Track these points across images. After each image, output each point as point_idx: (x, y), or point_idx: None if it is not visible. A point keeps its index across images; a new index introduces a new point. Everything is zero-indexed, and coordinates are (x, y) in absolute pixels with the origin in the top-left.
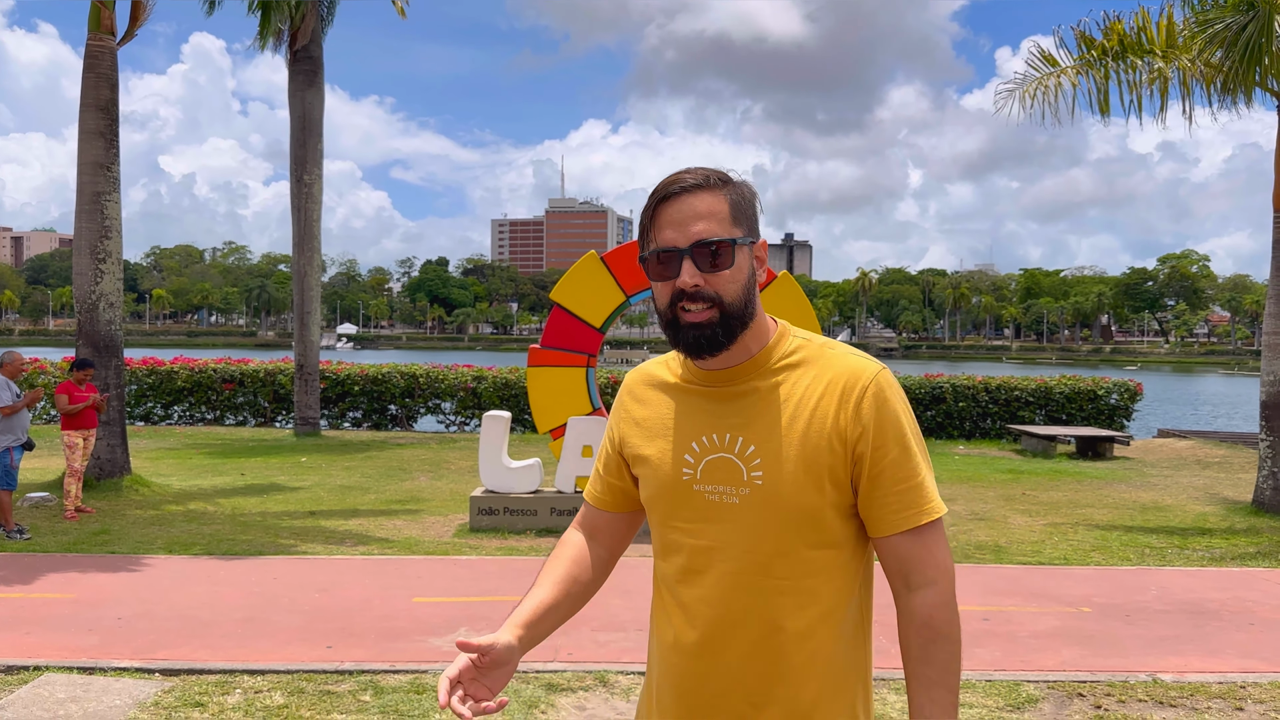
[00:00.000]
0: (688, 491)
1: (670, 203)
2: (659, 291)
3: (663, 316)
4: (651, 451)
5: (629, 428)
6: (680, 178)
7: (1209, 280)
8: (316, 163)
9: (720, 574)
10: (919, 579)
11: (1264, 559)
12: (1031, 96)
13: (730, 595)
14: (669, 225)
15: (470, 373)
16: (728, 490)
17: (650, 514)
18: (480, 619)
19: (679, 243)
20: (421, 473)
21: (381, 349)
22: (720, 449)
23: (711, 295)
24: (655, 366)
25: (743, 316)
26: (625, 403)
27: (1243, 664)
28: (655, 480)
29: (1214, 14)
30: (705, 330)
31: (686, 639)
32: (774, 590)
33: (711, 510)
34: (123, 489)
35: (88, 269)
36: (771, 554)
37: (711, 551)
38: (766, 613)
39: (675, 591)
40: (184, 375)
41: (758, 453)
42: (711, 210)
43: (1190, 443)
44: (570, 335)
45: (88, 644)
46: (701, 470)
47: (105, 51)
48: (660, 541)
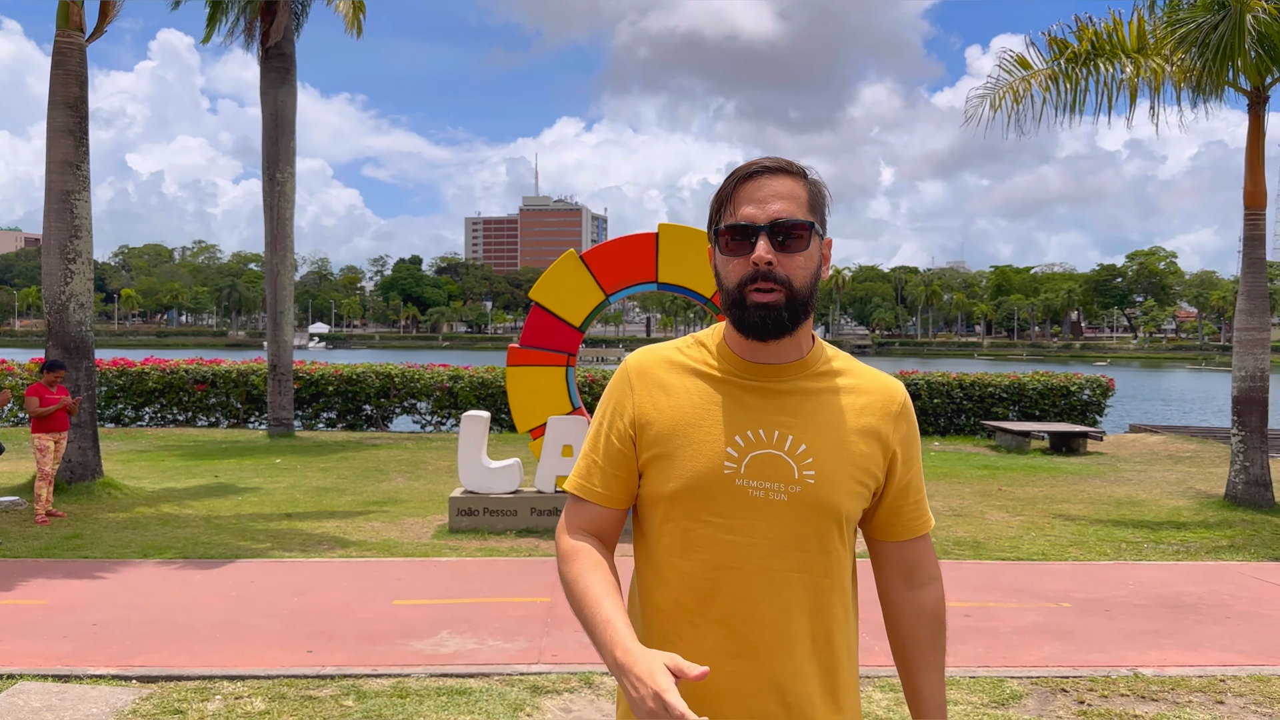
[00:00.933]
0: (728, 486)
1: (752, 181)
2: (729, 269)
3: (728, 295)
4: (683, 441)
5: (650, 413)
6: (762, 160)
7: (1176, 277)
8: (289, 161)
9: (760, 570)
10: (922, 576)
11: (1238, 552)
12: (1002, 100)
13: (770, 591)
14: (748, 202)
15: (446, 372)
16: (775, 487)
17: (668, 507)
18: (462, 620)
19: (758, 219)
20: (398, 473)
21: (355, 348)
22: (769, 445)
23: (783, 279)
24: (673, 353)
25: (807, 305)
26: (640, 387)
27: (1221, 657)
28: (687, 472)
29: (1186, 14)
30: (772, 311)
31: (711, 637)
32: (814, 586)
33: (755, 506)
34: (95, 492)
35: (57, 269)
36: (815, 550)
37: (750, 548)
38: (811, 606)
39: (698, 590)
40: (155, 376)
41: (809, 452)
42: (792, 193)
43: (1162, 438)
44: (550, 334)
45: (62, 651)
46: (746, 465)
47: (74, 48)
48: (684, 537)
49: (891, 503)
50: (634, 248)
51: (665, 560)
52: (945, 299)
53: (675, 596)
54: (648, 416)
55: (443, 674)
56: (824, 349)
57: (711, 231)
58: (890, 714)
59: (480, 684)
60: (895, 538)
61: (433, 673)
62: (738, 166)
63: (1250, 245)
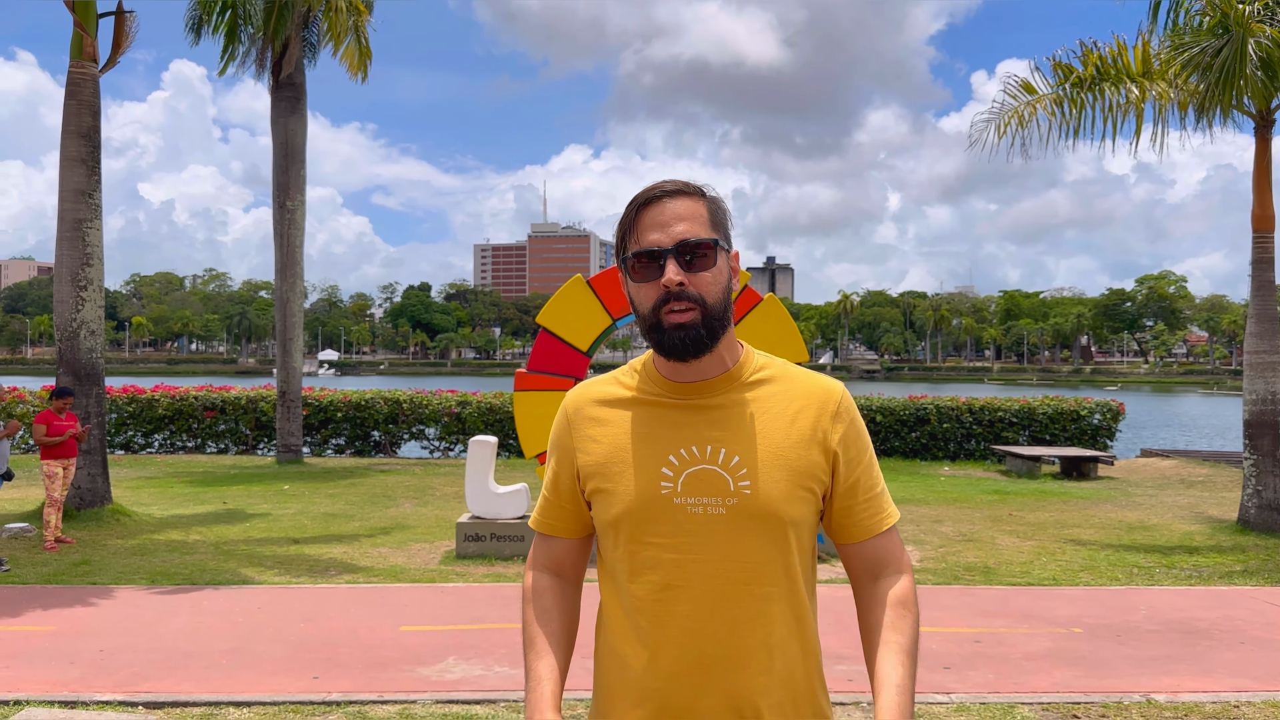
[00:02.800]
0: (666, 506)
1: (652, 206)
2: (642, 294)
3: (645, 320)
4: (619, 469)
5: (587, 446)
6: (661, 185)
7: (1186, 301)
8: (299, 189)
9: (706, 588)
10: (889, 570)
11: (1251, 577)
12: (1007, 125)
13: (720, 606)
14: (652, 228)
15: (455, 398)
16: (712, 502)
17: (615, 534)
18: (469, 647)
19: (663, 243)
20: (406, 499)
21: (363, 375)
22: (702, 460)
23: (695, 296)
24: (603, 385)
25: (723, 319)
26: (576, 423)
27: (1235, 683)
28: (627, 496)
29: (1190, 39)
30: (690, 331)
31: (666, 658)
32: (763, 597)
33: (694, 523)
34: (103, 519)
35: (69, 296)
36: (759, 562)
37: (695, 565)
38: (759, 620)
39: (649, 611)
40: (165, 403)
41: (744, 463)
42: (693, 213)
43: (1174, 462)
44: (557, 359)
45: (69, 677)
46: (682, 483)
47: (87, 79)
48: (630, 561)
49: (841, 503)
50: None
51: (620, 585)
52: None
53: (631, 620)
54: (585, 450)
55: (449, 700)
56: (753, 358)
57: (620, 260)
58: None
59: (486, 710)
60: (854, 538)
61: (439, 699)
62: (638, 193)
63: (1259, 268)
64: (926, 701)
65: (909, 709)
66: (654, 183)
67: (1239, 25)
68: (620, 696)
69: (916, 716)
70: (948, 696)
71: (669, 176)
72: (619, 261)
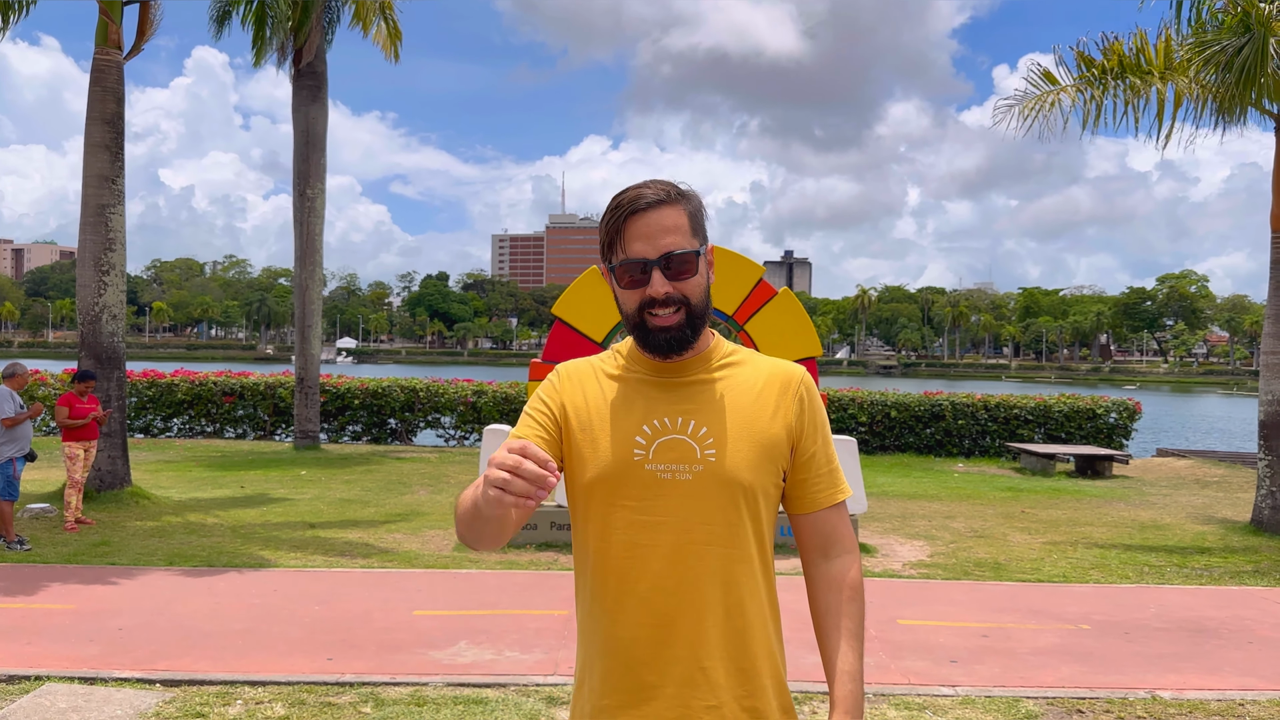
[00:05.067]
0: (639, 470)
1: (639, 217)
2: (627, 298)
3: (629, 319)
4: (599, 435)
5: (575, 404)
6: (643, 193)
7: (1208, 300)
8: (319, 177)
9: (672, 546)
10: (838, 549)
11: (1262, 578)
12: (1032, 113)
13: (682, 565)
14: (638, 238)
15: (470, 387)
16: (680, 468)
17: (589, 497)
18: (480, 632)
19: (649, 254)
20: (421, 486)
21: (381, 363)
22: (673, 430)
23: (680, 298)
24: (593, 361)
25: (704, 316)
26: (567, 384)
27: (1241, 681)
28: (600, 462)
29: (1211, 36)
30: (675, 332)
31: (632, 612)
32: (724, 558)
33: (663, 487)
34: (123, 501)
35: (91, 281)
36: (721, 524)
37: (661, 526)
38: (723, 577)
39: (617, 569)
40: (184, 388)
41: (710, 433)
42: (677, 224)
43: (1189, 462)
44: (572, 349)
45: (88, 654)
46: (654, 451)
47: (112, 65)
48: (602, 523)
49: (797, 475)
50: None
51: (592, 546)
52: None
53: (602, 579)
54: (572, 405)
55: (460, 683)
56: (722, 344)
57: (606, 263)
58: None
59: (497, 694)
60: (807, 508)
61: (450, 682)
62: (620, 196)
63: (1276, 269)
64: (932, 694)
65: (861, 694)
66: (637, 186)
67: (1260, 24)
68: (595, 653)
69: (921, 708)
70: (953, 689)
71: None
72: (605, 265)
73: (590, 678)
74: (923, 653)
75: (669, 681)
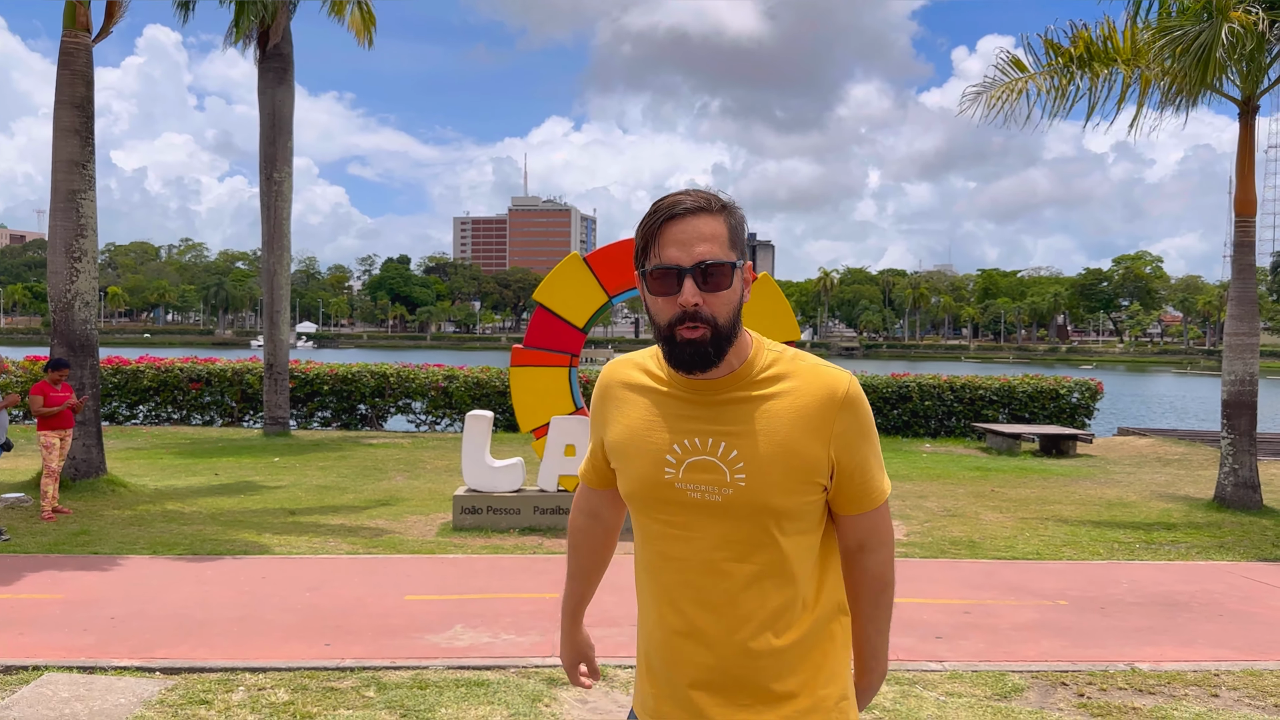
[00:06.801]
0: (669, 488)
1: (675, 223)
2: (659, 306)
3: (659, 330)
4: (632, 450)
5: (612, 424)
6: (682, 199)
7: (1162, 281)
8: (286, 160)
9: (700, 561)
10: (873, 543)
11: (1227, 552)
12: (997, 99)
13: (711, 579)
14: (673, 244)
15: (441, 372)
16: (709, 489)
17: (631, 505)
18: (475, 616)
19: (683, 261)
20: (397, 472)
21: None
22: (703, 452)
23: (708, 317)
24: (630, 369)
25: (730, 336)
26: (607, 399)
27: (1215, 653)
28: (635, 477)
29: (1175, 21)
30: (699, 347)
31: (666, 617)
32: (754, 575)
33: (693, 506)
34: (99, 489)
35: (63, 267)
36: (751, 545)
37: (692, 541)
38: (754, 593)
39: (654, 573)
40: (150, 374)
41: (741, 458)
42: (714, 233)
43: (1150, 440)
44: (553, 335)
45: (85, 644)
46: (684, 470)
47: (80, 48)
48: (642, 531)
49: (841, 485)
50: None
51: (637, 543)
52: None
53: (644, 577)
54: (609, 427)
55: (460, 666)
56: (760, 357)
57: (639, 270)
58: (897, 706)
59: (497, 676)
60: (844, 511)
61: (450, 665)
62: (659, 202)
63: (1240, 252)
64: (920, 669)
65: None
66: (678, 193)
67: (1219, 11)
68: (642, 637)
69: (911, 683)
70: (941, 664)
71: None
72: (638, 271)
73: (641, 662)
74: (908, 629)
75: (701, 686)
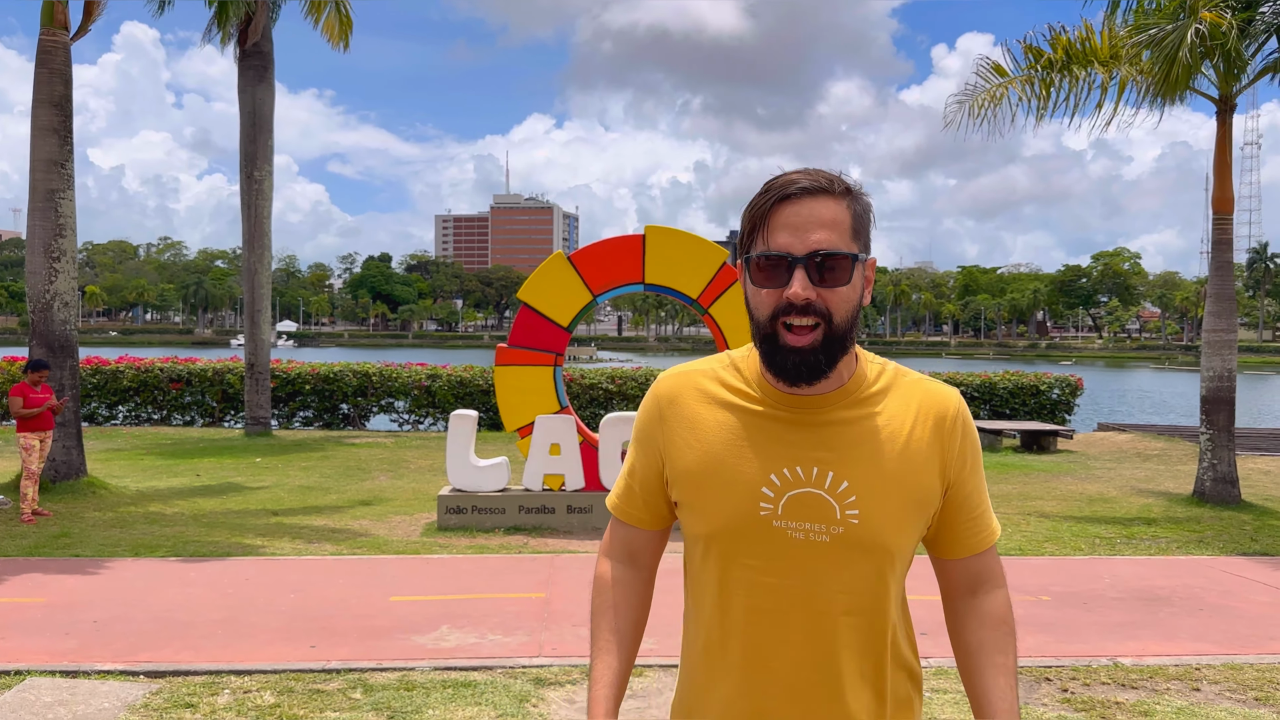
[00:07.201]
0: (765, 528)
1: (789, 204)
2: (761, 299)
3: (759, 327)
4: (716, 480)
5: (680, 449)
6: (798, 178)
7: (1140, 277)
8: (267, 159)
9: (806, 616)
10: (989, 585)
11: (1207, 547)
12: (981, 108)
13: (817, 636)
14: (785, 228)
15: (425, 371)
16: (816, 529)
17: (705, 548)
18: (461, 616)
19: (795, 249)
20: (381, 472)
21: (323, 346)
22: (807, 483)
23: (822, 310)
24: (702, 380)
25: (846, 343)
26: (670, 419)
27: (1196, 647)
28: (722, 514)
29: (1150, 20)
30: (808, 355)
31: (759, 684)
32: (863, 627)
33: (794, 549)
34: (80, 491)
35: (41, 268)
36: (864, 593)
37: (793, 592)
38: (861, 648)
39: (740, 634)
40: (130, 375)
41: (853, 490)
42: (835, 219)
43: (1130, 436)
44: (538, 334)
45: (67, 647)
46: (784, 505)
47: (59, 47)
48: (721, 578)
49: (949, 520)
50: (621, 249)
51: (704, 598)
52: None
53: (721, 639)
54: (676, 452)
55: (447, 667)
56: (867, 370)
57: (742, 256)
58: None
59: (484, 677)
60: (956, 554)
61: (437, 666)
62: (772, 181)
63: (1218, 249)
64: None
65: None
66: (795, 171)
67: (1190, 11)
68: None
69: None
70: (926, 661)
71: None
72: (740, 258)
73: None
74: None
75: None
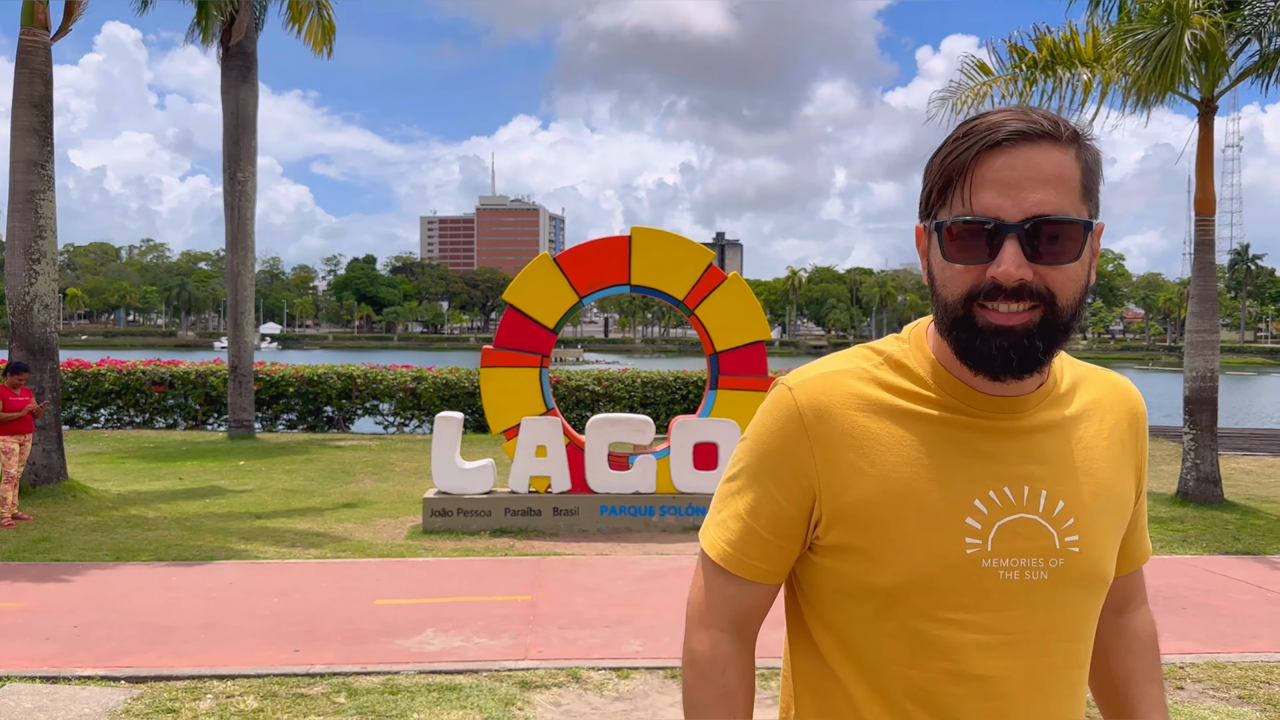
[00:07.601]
0: (974, 570)
1: (998, 153)
2: (953, 276)
3: (947, 309)
4: (899, 517)
5: (845, 475)
6: (1008, 119)
7: (1124, 279)
8: (250, 160)
9: (1026, 676)
10: (1135, 602)
11: (1190, 546)
12: (965, 105)
13: (1033, 700)
14: (993, 185)
15: (409, 373)
16: (1033, 564)
17: (885, 605)
18: (446, 619)
19: (1007, 214)
20: (365, 475)
21: (307, 349)
22: (1020, 508)
23: (1042, 292)
24: (856, 383)
25: (1069, 330)
26: (825, 437)
27: (1179, 645)
28: (915, 557)
29: (1136, 24)
30: (1020, 337)
31: None
32: (1079, 681)
33: (1007, 594)
34: (60, 495)
35: (21, 270)
36: (1079, 639)
37: (1003, 648)
38: (1073, 704)
39: (935, 705)
40: (111, 377)
41: (1070, 511)
42: (1060, 174)
43: None
44: (524, 336)
45: (47, 653)
46: (994, 539)
47: (39, 47)
48: (912, 640)
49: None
50: (607, 250)
51: (883, 668)
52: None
53: (900, 713)
54: (841, 482)
55: (432, 671)
56: (1062, 358)
57: (929, 219)
58: None
59: (469, 680)
60: (1120, 572)
61: (421, 670)
62: (975, 121)
63: (1200, 250)
64: None
65: None
66: (1001, 110)
67: (1180, 17)
68: None
69: None
70: None
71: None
72: (925, 220)
73: None
74: None
75: None
